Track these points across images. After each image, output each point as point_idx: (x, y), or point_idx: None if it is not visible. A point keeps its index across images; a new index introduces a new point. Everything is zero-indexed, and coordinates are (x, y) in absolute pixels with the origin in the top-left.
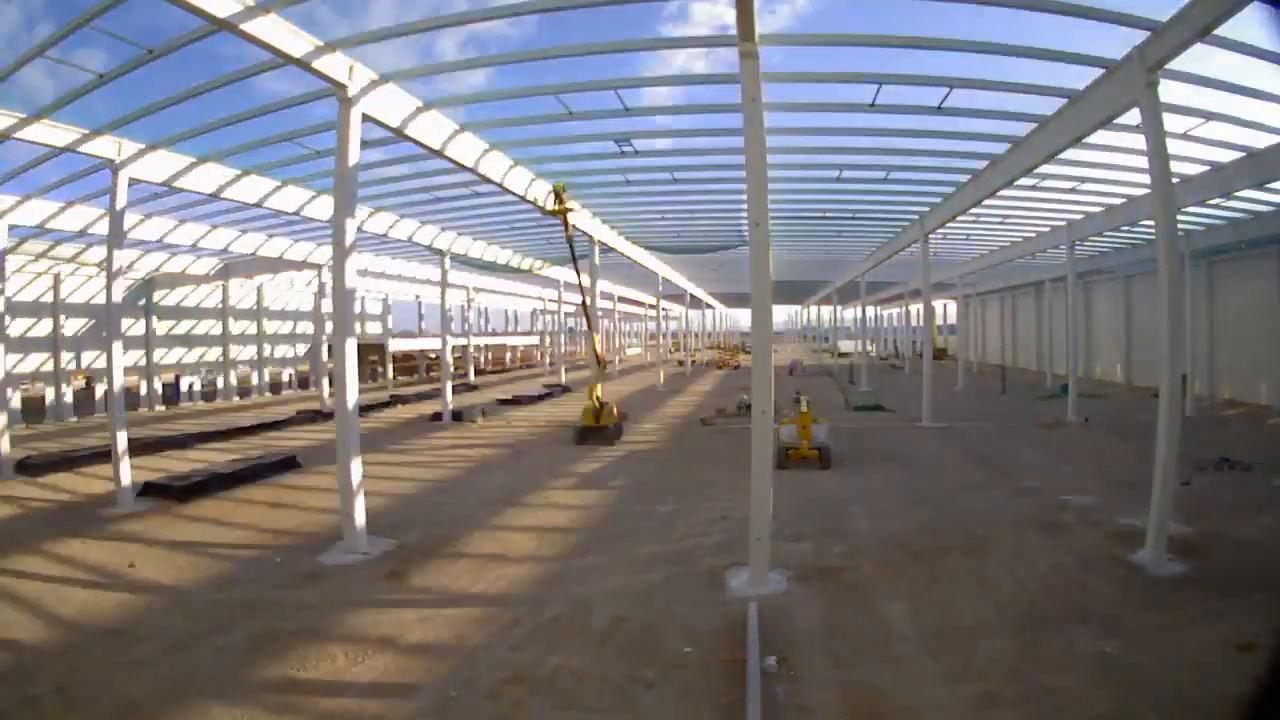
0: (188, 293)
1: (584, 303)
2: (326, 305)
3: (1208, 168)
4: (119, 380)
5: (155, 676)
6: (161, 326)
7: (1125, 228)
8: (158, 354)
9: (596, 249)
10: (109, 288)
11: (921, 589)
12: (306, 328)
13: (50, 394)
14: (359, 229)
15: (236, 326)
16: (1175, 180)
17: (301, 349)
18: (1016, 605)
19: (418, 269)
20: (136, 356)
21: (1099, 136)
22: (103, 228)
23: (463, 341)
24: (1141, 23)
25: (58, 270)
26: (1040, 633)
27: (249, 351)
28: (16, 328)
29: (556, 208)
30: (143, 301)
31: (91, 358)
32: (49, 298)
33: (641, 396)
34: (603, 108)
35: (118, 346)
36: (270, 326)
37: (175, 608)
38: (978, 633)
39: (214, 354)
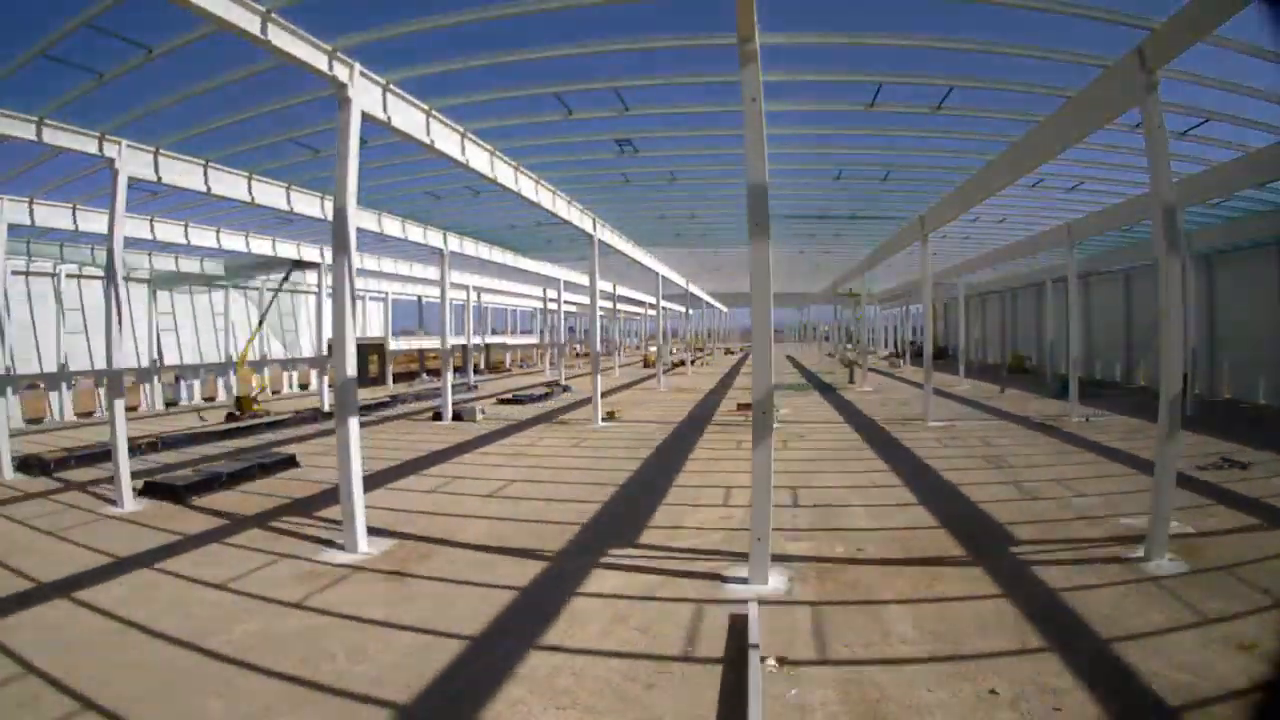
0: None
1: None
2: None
3: (1208, 168)
4: (119, 381)
5: None
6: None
7: (1125, 228)
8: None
9: (596, 248)
10: (109, 288)
11: (921, 587)
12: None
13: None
14: (359, 228)
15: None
16: (1175, 180)
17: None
18: (1016, 604)
19: (419, 269)
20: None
21: (1099, 136)
22: (102, 228)
23: (463, 341)
24: (1141, 23)
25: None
26: (1040, 632)
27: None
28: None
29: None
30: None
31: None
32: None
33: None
34: (603, 107)
35: (118, 347)
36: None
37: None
38: (977, 632)
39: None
